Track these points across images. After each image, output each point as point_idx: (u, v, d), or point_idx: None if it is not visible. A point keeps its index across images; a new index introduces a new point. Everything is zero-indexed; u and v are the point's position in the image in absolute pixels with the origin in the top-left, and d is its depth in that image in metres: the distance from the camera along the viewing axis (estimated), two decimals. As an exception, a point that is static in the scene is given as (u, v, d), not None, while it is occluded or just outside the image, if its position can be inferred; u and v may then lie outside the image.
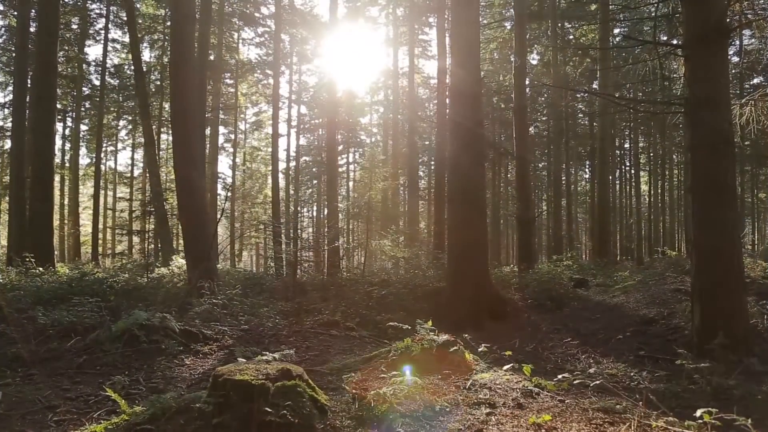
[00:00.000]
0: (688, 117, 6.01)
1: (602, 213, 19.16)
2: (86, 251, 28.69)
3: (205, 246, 10.31)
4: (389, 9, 29.67)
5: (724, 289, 5.74)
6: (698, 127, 5.93)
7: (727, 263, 5.78)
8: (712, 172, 5.87)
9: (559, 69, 25.75)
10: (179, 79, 10.55)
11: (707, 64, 5.82)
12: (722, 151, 5.81)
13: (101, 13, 27.51)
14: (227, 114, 32.73)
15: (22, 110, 17.13)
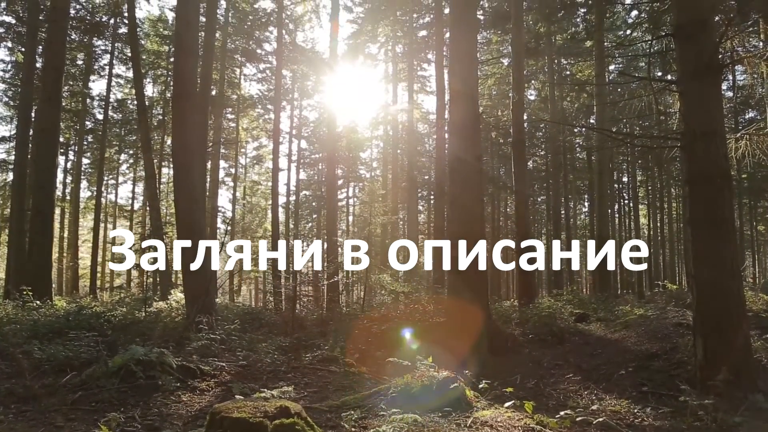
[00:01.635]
0: (685, 151, 6.07)
1: (602, 246, 19.14)
2: (84, 284, 28.56)
3: (204, 280, 10.26)
4: (388, 46, 30.24)
5: (726, 323, 5.69)
6: (695, 161, 5.97)
7: (728, 297, 5.74)
8: (710, 205, 5.88)
9: (556, 104, 26.13)
10: (181, 114, 10.66)
11: (701, 100, 5.90)
12: (719, 184, 5.84)
13: (106, 50, 28.07)
14: (228, 148, 33.03)
15: (26, 143, 17.32)
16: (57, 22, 14.06)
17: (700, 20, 5.93)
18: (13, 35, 23.49)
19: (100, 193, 28.75)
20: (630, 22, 23.27)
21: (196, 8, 11.15)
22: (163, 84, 30.19)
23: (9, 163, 25.52)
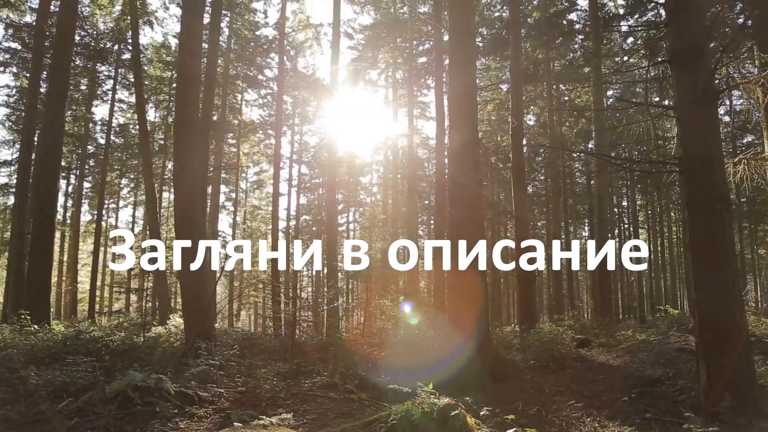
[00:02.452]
0: (684, 176, 6.10)
1: (602, 271, 19.09)
2: (83, 309, 28.42)
3: (203, 305, 10.21)
4: (389, 72, 30.60)
5: (729, 348, 5.65)
6: (694, 186, 6.00)
7: (730, 321, 5.71)
8: (709, 229, 5.89)
9: (555, 129, 26.31)
10: (183, 139, 10.73)
11: (699, 125, 5.95)
12: (719, 208, 5.85)
13: (110, 75, 28.40)
14: (229, 173, 33.17)
15: (28, 167, 17.44)
16: (62, 48, 14.25)
17: (695, 47, 6.01)
18: (18, 61, 23.83)
19: (100, 217, 28.80)
20: (627, 49, 23.59)
21: (199, 36, 11.31)
22: (165, 109, 30.47)
23: (11, 186, 25.64)
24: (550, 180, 30.14)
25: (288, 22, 25.58)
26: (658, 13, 19.08)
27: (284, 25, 25.00)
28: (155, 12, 23.73)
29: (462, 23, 10.11)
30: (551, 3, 22.09)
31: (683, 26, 6.14)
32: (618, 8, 21.77)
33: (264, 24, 28.43)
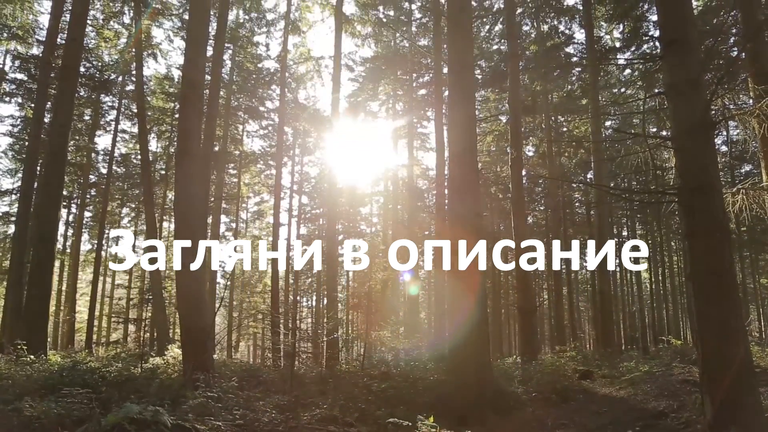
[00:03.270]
0: (683, 206, 6.12)
1: (604, 301, 18.98)
2: (80, 339, 28.17)
3: (202, 336, 10.12)
4: (389, 103, 30.94)
5: (734, 380, 5.58)
6: (693, 216, 6.01)
7: (734, 352, 5.65)
8: (710, 259, 5.88)
9: (554, 160, 26.50)
10: (184, 169, 10.79)
11: (696, 155, 5.99)
12: (718, 238, 5.85)
13: (113, 106, 28.80)
14: (229, 203, 33.27)
15: (29, 196, 17.52)
16: (67, 79, 14.45)
17: (691, 79, 6.10)
18: (23, 91, 24.16)
19: (100, 246, 28.78)
20: (624, 81, 23.92)
21: (202, 68, 11.47)
22: (167, 139, 30.75)
23: (11, 215, 25.72)
24: (550, 210, 30.21)
25: (289, 54, 25.99)
26: (653, 45, 19.46)
27: (286, 57, 25.39)
28: (159, 45, 24.14)
29: (461, 56, 10.27)
30: (548, 37, 22.48)
31: (678, 59, 6.24)
32: (614, 41, 22.18)
33: (266, 56, 28.92)
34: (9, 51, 22.88)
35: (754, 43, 9.68)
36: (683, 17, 6.32)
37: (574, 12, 21.25)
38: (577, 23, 21.60)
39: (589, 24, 18.91)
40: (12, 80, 23.96)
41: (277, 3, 26.14)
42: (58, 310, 29.38)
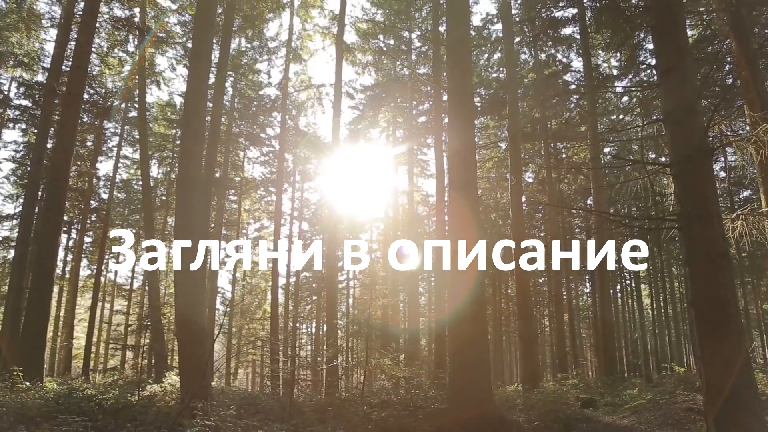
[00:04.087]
0: (683, 232, 6.12)
1: (606, 328, 18.85)
2: (78, 365, 27.89)
3: (200, 363, 10.03)
4: (389, 131, 31.18)
5: (739, 408, 5.51)
6: (693, 242, 6.01)
7: (738, 380, 5.59)
8: (711, 286, 5.86)
9: (553, 186, 26.58)
10: (185, 195, 10.83)
11: (695, 182, 6.02)
12: (719, 265, 5.84)
13: (116, 132, 29.05)
14: (230, 229, 33.27)
15: (30, 221, 17.53)
16: (71, 106, 14.58)
17: (687, 106, 6.16)
18: (27, 118, 24.38)
19: (100, 272, 28.71)
20: (622, 107, 24.16)
21: (204, 97, 11.60)
22: (169, 165, 30.92)
23: (11, 240, 25.71)
24: (550, 236, 30.19)
25: (290, 82, 26.29)
26: (650, 73, 19.71)
27: (287, 85, 25.68)
28: (162, 72, 24.49)
29: (460, 84, 10.39)
30: (546, 65, 22.79)
31: (674, 87, 6.32)
32: (611, 69, 22.48)
33: (267, 84, 29.24)
34: (14, 78, 23.16)
35: (748, 71, 9.81)
36: (678, 46, 6.42)
37: (572, 41, 21.58)
38: (575, 51, 21.93)
39: (586, 52, 19.19)
40: (16, 106, 24.20)
41: (279, 32, 26.44)
42: (55, 336, 29.17)
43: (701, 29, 18.23)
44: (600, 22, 13.35)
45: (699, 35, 18.63)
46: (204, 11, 11.75)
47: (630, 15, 10.93)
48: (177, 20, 22.72)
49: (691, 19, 17.21)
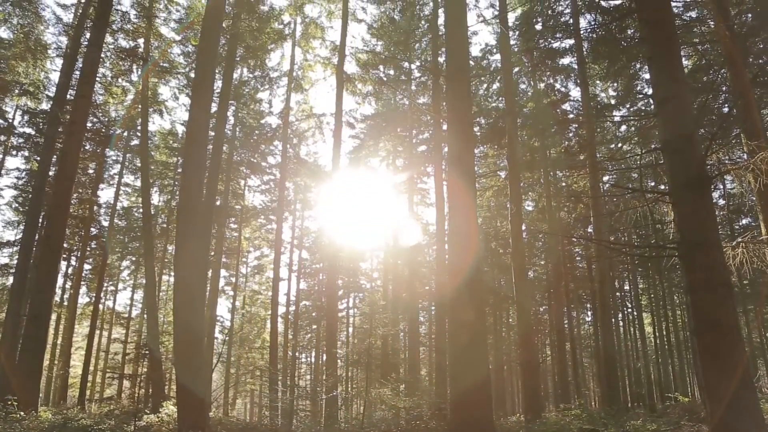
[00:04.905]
0: (683, 260, 6.12)
1: (608, 357, 18.64)
2: (73, 394, 27.54)
3: (198, 393, 9.92)
4: (389, 160, 31.37)
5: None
6: (694, 270, 6.01)
7: (743, 410, 5.53)
8: (713, 314, 5.84)
9: (553, 214, 26.63)
10: (186, 223, 10.85)
11: (694, 210, 6.04)
12: (721, 292, 5.83)
13: (117, 160, 29.26)
14: (229, 257, 33.21)
15: (30, 248, 17.52)
16: (74, 134, 14.71)
17: (685, 135, 6.22)
18: (31, 145, 24.58)
19: (98, 300, 28.56)
20: (620, 136, 24.35)
21: (205, 127, 11.73)
22: (169, 193, 31.03)
23: (10, 267, 25.67)
24: (551, 265, 30.12)
25: (292, 111, 26.57)
26: (648, 102, 19.94)
27: (288, 114, 25.94)
28: (165, 101, 24.73)
29: (460, 113, 10.48)
30: (545, 94, 23.04)
31: (672, 116, 6.39)
32: (609, 99, 22.72)
33: (268, 113, 29.53)
34: (19, 106, 23.43)
35: (744, 100, 9.93)
36: (674, 76, 6.51)
37: (570, 70, 21.85)
38: (573, 81, 22.18)
39: (584, 82, 19.42)
40: (20, 134, 24.44)
41: (281, 62, 26.79)
42: (51, 364, 28.87)
43: (696, 59, 18.49)
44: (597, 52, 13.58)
45: (694, 65, 18.89)
46: (207, 43, 11.95)
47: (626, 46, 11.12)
48: (180, 51, 23.09)
49: (686, 49, 17.48)
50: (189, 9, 21.44)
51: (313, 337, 42.63)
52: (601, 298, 19.29)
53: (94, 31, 15.13)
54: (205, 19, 12.31)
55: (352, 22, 22.58)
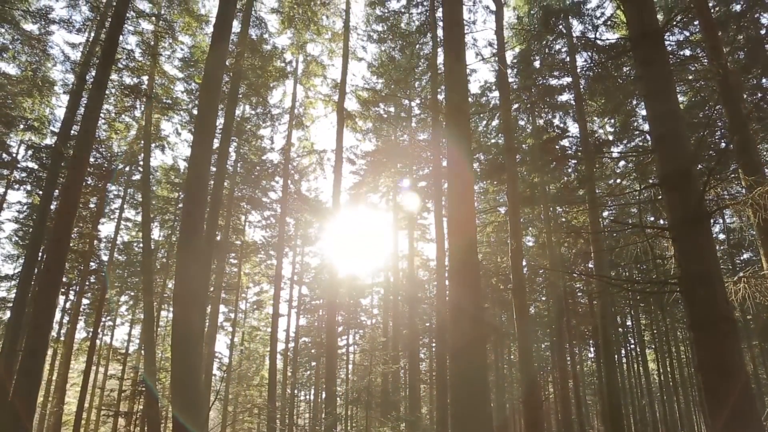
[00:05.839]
0: (685, 296, 6.08)
1: (612, 395, 18.35)
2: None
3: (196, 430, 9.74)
4: (389, 195, 31.52)
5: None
6: (696, 306, 5.96)
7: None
8: (717, 351, 5.76)
9: (554, 250, 26.56)
10: (186, 259, 10.84)
11: (694, 246, 6.03)
12: (724, 329, 5.76)
13: (118, 194, 29.43)
14: (229, 293, 33.05)
15: (28, 282, 17.45)
16: (76, 169, 14.79)
17: (683, 171, 6.26)
18: (33, 179, 24.76)
19: (96, 335, 28.29)
20: (619, 172, 24.51)
21: (207, 162, 11.82)
22: (170, 228, 31.06)
23: (8, 301, 25.54)
24: (552, 300, 29.93)
25: (293, 147, 26.84)
26: (645, 138, 20.15)
27: (289, 150, 26.19)
28: (167, 137, 24.97)
29: (459, 150, 10.58)
30: (544, 130, 23.30)
31: (669, 152, 6.44)
32: (607, 134, 22.96)
33: (270, 149, 29.80)
34: (24, 141, 23.70)
35: (740, 135, 10.03)
36: (671, 113, 6.59)
37: (568, 107, 22.15)
38: (571, 117, 22.47)
39: (582, 118, 19.67)
40: (24, 168, 24.65)
41: (283, 99, 27.24)
42: (46, 400, 28.41)
43: (692, 95, 18.80)
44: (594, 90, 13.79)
45: (690, 101, 19.17)
46: (211, 81, 12.14)
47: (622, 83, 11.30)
48: (183, 88, 23.47)
49: (681, 86, 17.77)
50: (193, 48, 21.89)
51: (312, 374, 42.07)
52: (603, 334, 19.12)
53: (100, 69, 15.38)
54: (208, 57, 12.55)
55: (352, 61, 23.01)
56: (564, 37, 18.59)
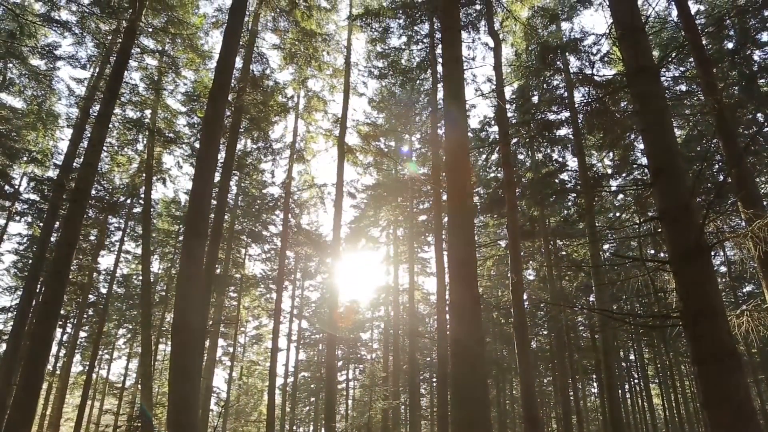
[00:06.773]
0: (687, 330, 6.02)
1: (616, 431, 18.02)
2: (59, 472, 26.42)
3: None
4: (390, 229, 31.57)
5: None
6: (699, 341, 5.90)
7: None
8: (722, 386, 5.68)
9: (555, 283, 26.46)
10: (185, 293, 10.78)
11: (695, 279, 6.01)
12: (728, 363, 5.69)
13: (119, 227, 29.45)
14: (228, 327, 32.77)
15: (26, 314, 17.33)
16: (77, 201, 14.84)
17: (681, 205, 6.28)
18: (34, 211, 24.82)
19: (92, 369, 27.94)
20: (618, 205, 24.61)
21: (208, 196, 11.86)
22: (170, 261, 31.01)
23: (4, 333, 25.30)
24: (554, 334, 29.66)
25: (294, 181, 26.96)
26: (644, 171, 20.29)
27: (290, 184, 26.31)
28: (169, 170, 25.13)
29: (459, 185, 10.61)
30: (543, 164, 23.49)
31: (667, 186, 6.47)
32: (606, 168, 23.11)
33: (271, 183, 29.97)
34: (26, 173, 23.84)
35: (738, 169, 10.09)
36: (668, 147, 6.65)
37: (566, 141, 22.38)
38: (570, 151, 22.68)
39: (580, 152, 19.84)
40: (25, 200, 24.74)
41: (284, 133, 27.59)
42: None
43: (689, 129, 19.01)
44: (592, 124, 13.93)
45: (687, 135, 19.38)
46: (213, 116, 12.28)
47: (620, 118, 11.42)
48: (186, 122, 23.72)
49: (679, 121, 17.98)
50: (196, 83, 22.20)
51: (311, 409, 41.42)
52: (606, 368, 18.88)
53: (104, 103, 15.59)
54: (211, 92, 12.71)
55: (353, 96, 23.30)
56: (562, 73, 18.91)
